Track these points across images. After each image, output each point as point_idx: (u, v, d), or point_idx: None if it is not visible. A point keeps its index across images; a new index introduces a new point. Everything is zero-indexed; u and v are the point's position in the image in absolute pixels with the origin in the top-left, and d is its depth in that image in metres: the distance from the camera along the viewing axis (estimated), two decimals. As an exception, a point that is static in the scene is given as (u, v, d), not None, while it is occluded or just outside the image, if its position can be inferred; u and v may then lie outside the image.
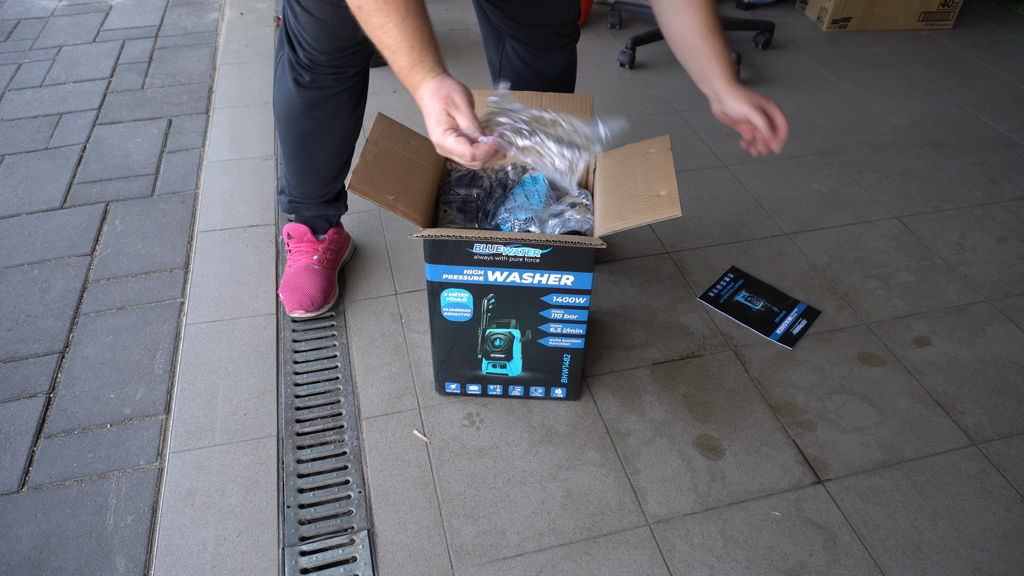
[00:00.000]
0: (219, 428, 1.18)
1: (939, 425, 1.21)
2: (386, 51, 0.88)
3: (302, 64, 1.18)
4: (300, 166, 1.33)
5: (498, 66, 1.42)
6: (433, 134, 0.88)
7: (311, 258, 1.39)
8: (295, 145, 1.30)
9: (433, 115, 0.87)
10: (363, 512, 1.07)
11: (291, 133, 1.28)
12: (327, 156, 1.32)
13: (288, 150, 1.32)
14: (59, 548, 1.03)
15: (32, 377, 1.27)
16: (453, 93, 0.87)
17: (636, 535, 1.05)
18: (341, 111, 1.26)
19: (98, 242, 1.58)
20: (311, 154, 1.31)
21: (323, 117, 1.25)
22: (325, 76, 1.20)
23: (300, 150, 1.30)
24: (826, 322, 1.40)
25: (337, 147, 1.31)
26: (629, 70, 2.32)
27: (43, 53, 2.39)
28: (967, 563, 1.02)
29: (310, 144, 1.29)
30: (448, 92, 0.87)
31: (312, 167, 1.33)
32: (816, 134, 2.00)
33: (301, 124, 1.26)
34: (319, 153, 1.31)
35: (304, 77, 1.20)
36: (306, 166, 1.33)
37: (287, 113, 1.26)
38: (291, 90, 1.22)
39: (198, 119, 2.04)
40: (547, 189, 1.14)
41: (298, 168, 1.34)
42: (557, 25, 1.29)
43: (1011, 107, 2.14)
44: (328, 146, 1.30)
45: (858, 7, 2.55)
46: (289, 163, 1.34)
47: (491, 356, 1.16)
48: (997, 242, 1.61)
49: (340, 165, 1.35)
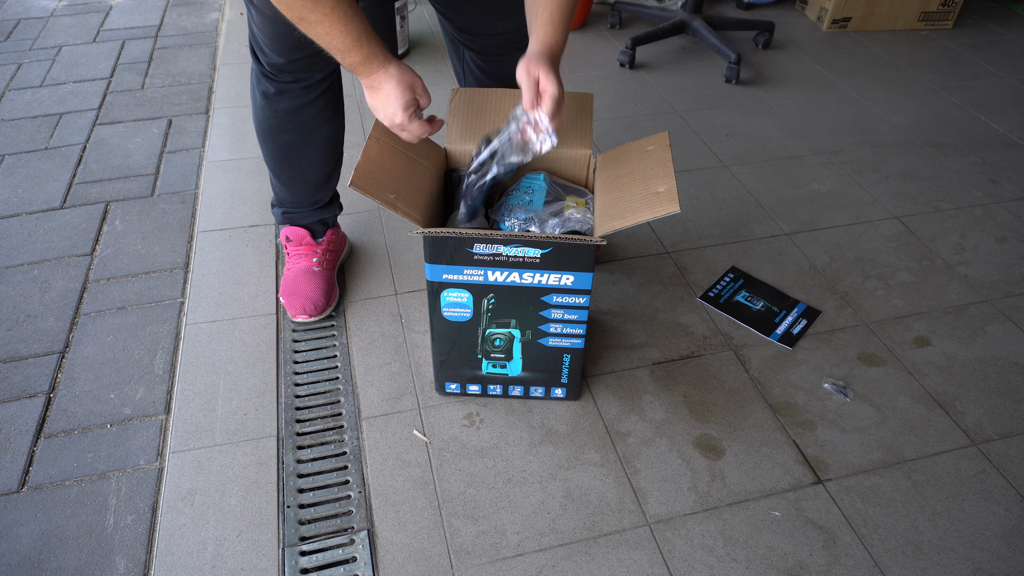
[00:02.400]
0: (219, 428, 1.18)
1: (939, 425, 1.21)
2: (336, 52, 0.97)
3: (266, 74, 1.18)
4: (287, 178, 1.33)
5: (462, 74, 1.43)
6: (397, 116, 1.00)
7: (311, 260, 1.39)
8: (277, 159, 1.30)
9: (401, 101, 0.99)
10: (363, 512, 1.07)
11: (270, 147, 1.28)
12: (312, 165, 1.31)
13: (271, 164, 1.31)
14: (59, 548, 1.03)
15: (32, 377, 1.27)
16: (415, 80, 1.01)
17: (636, 535, 1.05)
18: (318, 120, 1.25)
19: (98, 242, 1.58)
20: (295, 165, 1.30)
21: (300, 128, 1.24)
22: (291, 85, 1.19)
23: (283, 163, 1.30)
24: (826, 322, 1.40)
25: (320, 154, 1.30)
26: (629, 70, 2.32)
27: (43, 53, 2.39)
28: (967, 563, 1.02)
29: (292, 156, 1.28)
30: (410, 80, 1.00)
31: (299, 177, 1.33)
32: (816, 134, 2.00)
33: (278, 137, 1.26)
34: (303, 163, 1.30)
35: (270, 88, 1.19)
36: (292, 177, 1.32)
37: (262, 127, 1.26)
38: (260, 103, 1.22)
39: (198, 119, 2.04)
40: (547, 189, 1.14)
41: (285, 180, 1.34)
42: (507, 33, 1.29)
43: (1011, 107, 2.14)
44: (311, 155, 1.29)
45: (858, 7, 2.55)
46: (275, 176, 1.34)
47: (491, 356, 1.16)
48: (997, 242, 1.61)
49: (328, 172, 1.34)
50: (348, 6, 0.93)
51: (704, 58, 2.40)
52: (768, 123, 2.04)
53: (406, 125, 1.01)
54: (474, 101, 1.19)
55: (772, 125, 2.03)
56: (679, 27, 2.39)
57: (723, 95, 2.18)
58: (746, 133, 1.99)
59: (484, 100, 1.19)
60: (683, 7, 2.42)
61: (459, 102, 1.19)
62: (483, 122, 1.17)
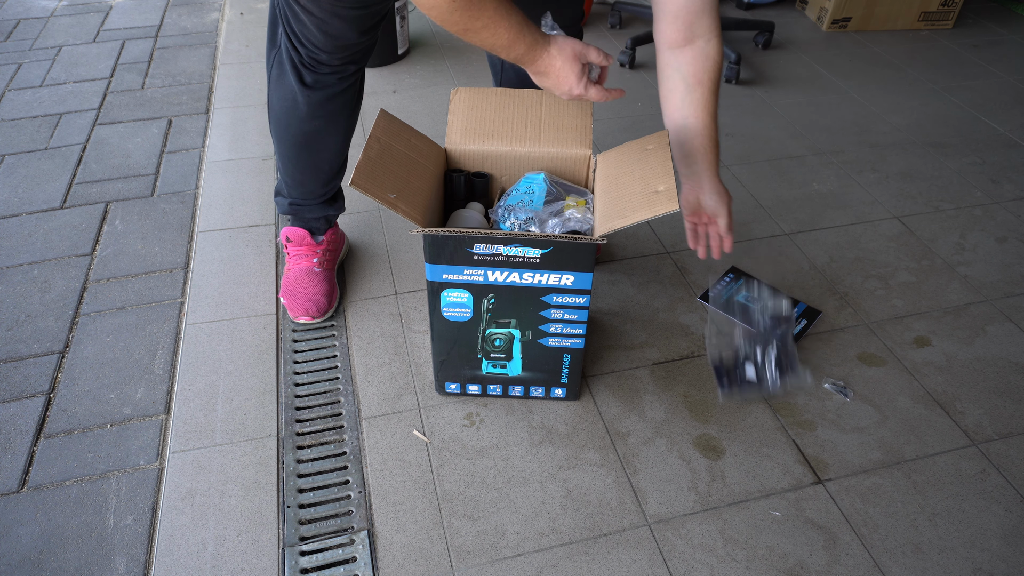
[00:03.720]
0: (219, 428, 1.18)
1: (939, 425, 1.21)
2: (500, 51, 0.97)
3: (305, 64, 1.18)
4: (303, 166, 1.32)
5: (500, 69, 1.42)
6: (574, 90, 1.01)
7: (311, 261, 1.39)
8: (297, 145, 1.29)
9: (574, 73, 1.00)
10: (363, 512, 1.07)
11: (293, 133, 1.27)
12: (330, 153, 1.31)
13: (288, 151, 1.30)
14: (59, 548, 1.03)
15: (32, 377, 1.27)
16: (576, 47, 1.00)
17: (636, 535, 1.05)
18: (345, 109, 1.26)
19: (98, 242, 1.58)
20: (315, 151, 1.30)
21: (328, 116, 1.25)
22: (329, 76, 1.19)
23: (302, 149, 1.30)
24: (826, 322, 1.40)
25: (340, 144, 1.31)
26: (629, 70, 2.32)
27: (43, 53, 2.39)
28: (967, 563, 1.02)
29: (315, 142, 1.28)
30: (571, 50, 0.99)
31: (314, 165, 1.32)
32: (816, 134, 2.00)
33: (305, 124, 1.25)
34: (323, 150, 1.30)
35: (308, 77, 1.19)
36: (308, 165, 1.32)
37: (290, 113, 1.25)
38: (295, 90, 1.21)
39: (198, 119, 2.04)
40: (547, 189, 1.14)
41: (300, 168, 1.33)
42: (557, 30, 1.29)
43: (1011, 107, 2.14)
44: (332, 143, 1.30)
45: (858, 7, 2.55)
46: (289, 164, 1.33)
47: (491, 356, 1.16)
48: (997, 242, 1.61)
49: (341, 162, 1.35)
50: (506, 4, 0.93)
51: (704, 58, 2.40)
52: (768, 123, 2.04)
53: (585, 95, 1.02)
54: (474, 101, 1.19)
55: (772, 125, 2.03)
56: (679, 27, 2.38)
57: (723, 95, 2.18)
58: (746, 133, 1.99)
59: (484, 100, 1.19)
60: (683, 7, 2.42)
61: (459, 102, 1.19)
62: (483, 122, 1.17)
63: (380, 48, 2.28)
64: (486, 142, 1.16)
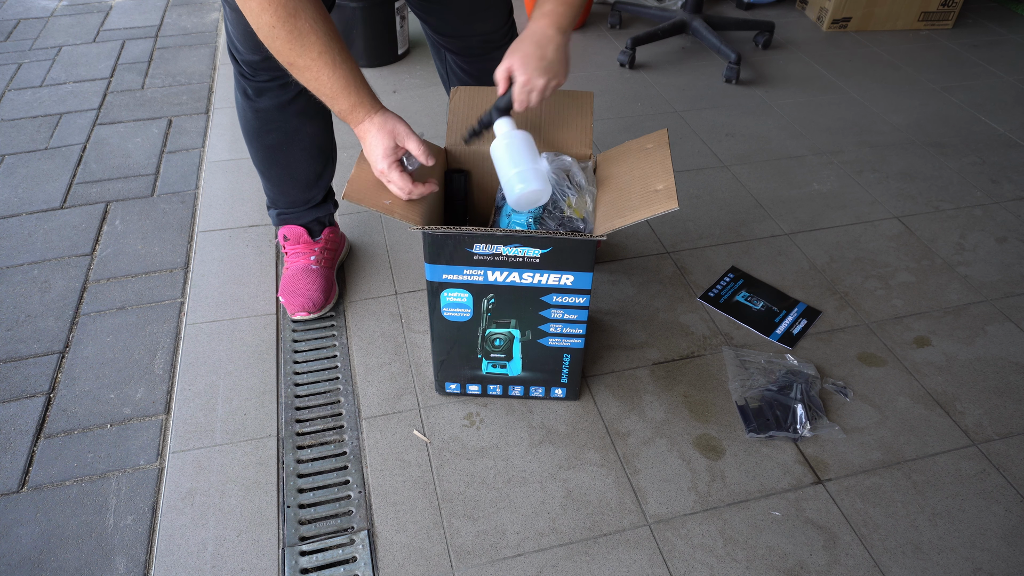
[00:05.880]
0: (219, 428, 1.18)
1: (939, 425, 1.21)
2: (324, 98, 0.96)
3: (244, 74, 1.18)
4: (276, 179, 1.33)
5: (445, 75, 1.43)
6: (379, 164, 0.98)
7: (308, 259, 1.39)
8: (264, 160, 1.29)
9: (381, 148, 0.97)
10: (363, 512, 1.07)
11: (257, 148, 1.28)
12: (300, 164, 1.31)
13: (260, 165, 1.31)
14: (59, 548, 1.03)
15: (32, 377, 1.27)
16: (397, 126, 0.98)
17: (636, 535, 1.05)
18: (301, 118, 1.24)
19: (98, 242, 1.58)
20: (282, 165, 1.30)
21: (283, 127, 1.24)
22: (269, 84, 1.18)
23: (271, 164, 1.29)
24: (826, 322, 1.40)
25: (307, 153, 1.30)
26: (629, 70, 2.32)
27: (43, 53, 2.39)
28: (967, 563, 1.02)
29: (279, 156, 1.28)
30: (392, 127, 0.98)
31: (288, 177, 1.32)
32: (816, 134, 2.00)
33: (263, 138, 1.25)
34: (290, 163, 1.30)
35: (249, 88, 1.19)
36: (282, 177, 1.32)
37: (246, 129, 1.26)
38: (241, 105, 1.22)
39: (198, 119, 2.04)
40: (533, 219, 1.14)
41: (275, 181, 1.33)
42: (484, 34, 1.29)
43: (1011, 107, 2.14)
44: (297, 154, 1.29)
45: (858, 7, 2.55)
46: (264, 177, 1.34)
47: (491, 356, 1.16)
48: (997, 242, 1.61)
49: (318, 170, 1.34)
50: (337, 53, 0.92)
51: (704, 58, 2.40)
52: (768, 123, 2.04)
53: (386, 174, 0.98)
54: (474, 100, 1.19)
55: (772, 125, 2.03)
56: (679, 27, 2.39)
57: (723, 95, 2.18)
58: (746, 133, 1.99)
59: (484, 99, 1.19)
60: (683, 7, 2.42)
61: (459, 101, 1.19)
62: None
63: (380, 48, 2.28)
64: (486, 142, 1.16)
